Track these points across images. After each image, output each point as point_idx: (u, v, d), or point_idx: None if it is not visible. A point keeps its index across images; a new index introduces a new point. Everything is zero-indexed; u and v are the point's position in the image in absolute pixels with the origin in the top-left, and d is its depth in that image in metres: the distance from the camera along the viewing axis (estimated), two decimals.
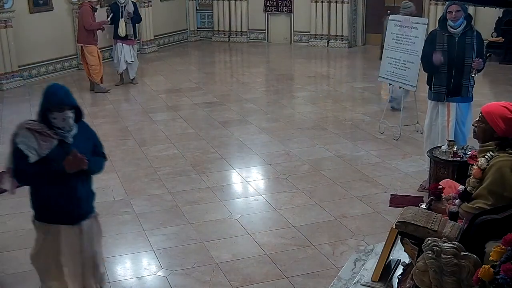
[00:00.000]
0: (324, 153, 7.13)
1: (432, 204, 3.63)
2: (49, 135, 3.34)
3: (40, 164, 3.31)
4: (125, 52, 10.56)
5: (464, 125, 5.78)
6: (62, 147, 3.36)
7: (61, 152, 3.33)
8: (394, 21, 7.60)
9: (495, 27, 12.55)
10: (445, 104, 5.75)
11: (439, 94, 5.74)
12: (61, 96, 3.40)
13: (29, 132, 3.33)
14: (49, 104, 3.36)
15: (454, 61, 5.57)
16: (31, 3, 11.15)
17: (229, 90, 10.67)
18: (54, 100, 3.36)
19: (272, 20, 15.43)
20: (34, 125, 3.37)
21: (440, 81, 5.69)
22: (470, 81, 5.60)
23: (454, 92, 5.66)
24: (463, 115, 5.78)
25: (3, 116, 8.98)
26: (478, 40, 5.55)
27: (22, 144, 3.32)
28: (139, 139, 7.79)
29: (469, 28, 5.56)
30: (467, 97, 5.72)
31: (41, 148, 3.31)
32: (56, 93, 3.41)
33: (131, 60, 10.70)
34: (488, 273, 2.44)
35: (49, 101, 3.37)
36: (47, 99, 3.39)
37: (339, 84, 11.49)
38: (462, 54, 5.52)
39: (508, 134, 3.30)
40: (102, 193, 6.05)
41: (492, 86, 10.73)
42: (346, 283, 3.66)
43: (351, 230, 5.15)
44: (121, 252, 4.90)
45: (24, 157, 3.31)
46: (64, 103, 3.39)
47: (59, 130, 3.38)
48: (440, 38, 5.62)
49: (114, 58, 10.83)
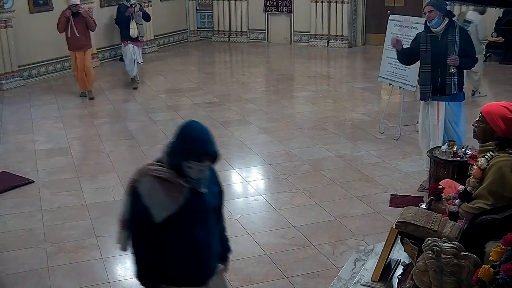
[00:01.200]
0: (324, 153, 7.13)
1: (432, 204, 3.63)
2: (180, 184, 2.66)
3: (167, 222, 2.68)
4: (136, 53, 10.52)
5: (457, 125, 5.74)
6: (195, 197, 2.72)
7: (194, 205, 2.71)
8: (394, 21, 7.60)
9: (495, 27, 12.55)
10: (434, 103, 5.75)
11: (424, 93, 5.77)
12: (207, 144, 2.67)
13: (155, 183, 2.63)
14: (191, 153, 2.63)
15: (437, 60, 5.57)
16: (31, 3, 11.15)
17: (229, 90, 10.67)
18: (199, 149, 2.64)
19: (272, 20, 15.43)
20: (162, 173, 2.65)
21: (425, 80, 5.72)
22: (452, 78, 5.56)
23: (441, 91, 5.66)
24: (455, 115, 5.73)
25: (3, 116, 8.98)
26: (461, 37, 5.52)
27: (148, 199, 2.64)
28: (139, 139, 7.79)
29: (450, 26, 5.54)
30: (456, 96, 5.67)
31: (171, 204, 2.65)
32: (201, 139, 2.66)
33: (141, 61, 10.74)
34: (488, 273, 2.43)
35: (192, 149, 2.63)
36: (189, 145, 2.64)
37: (339, 84, 11.49)
38: (445, 52, 5.52)
39: (508, 134, 3.30)
40: (102, 193, 6.07)
41: (492, 86, 10.73)
42: (346, 283, 3.66)
43: (351, 230, 5.16)
44: (121, 252, 4.87)
45: (147, 215, 2.66)
46: (210, 153, 2.67)
47: (192, 180, 2.70)
48: (423, 38, 5.67)
49: (126, 60, 10.65)
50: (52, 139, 7.84)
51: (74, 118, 8.89)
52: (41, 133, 8.13)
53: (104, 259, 4.76)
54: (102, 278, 4.49)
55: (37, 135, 8.04)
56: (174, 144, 2.69)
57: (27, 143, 7.72)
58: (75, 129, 8.36)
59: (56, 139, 7.83)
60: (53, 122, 8.64)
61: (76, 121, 8.79)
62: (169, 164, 2.68)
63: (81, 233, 5.21)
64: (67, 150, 7.41)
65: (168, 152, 2.72)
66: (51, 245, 5.00)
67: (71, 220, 5.46)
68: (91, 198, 5.94)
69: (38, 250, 4.92)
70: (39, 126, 8.44)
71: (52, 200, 5.92)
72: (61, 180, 6.44)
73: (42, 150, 7.42)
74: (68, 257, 4.80)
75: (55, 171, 6.71)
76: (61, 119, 8.78)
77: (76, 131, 8.25)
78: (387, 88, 8.80)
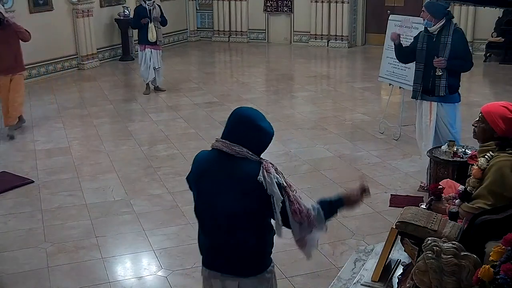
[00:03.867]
0: (324, 153, 7.13)
1: (432, 204, 3.63)
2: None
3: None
4: (153, 58, 9.91)
5: (452, 127, 5.69)
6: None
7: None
8: (394, 21, 7.60)
9: (495, 27, 12.56)
10: (427, 103, 5.75)
11: (415, 91, 5.78)
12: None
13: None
14: (270, 140, 2.85)
15: (430, 60, 5.57)
16: (31, 3, 11.15)
17: (229, 90, 10.67)
18: (270, 137, 2.85)
19: (272, 20, 15.43)
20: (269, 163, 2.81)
21: (417, 79, 5.73)
22: (441, 80, 5.53)
23: (432, 91, 5.64)
24: (449, 116, 5.69)
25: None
26: (454, 39, 5.48)
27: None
28: (139, 139, 7.79)
29: (444, 27, 5.52)
30: (448, 97, 5.62)
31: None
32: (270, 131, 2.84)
33: (159, 66, 10.08)
34: (488, 273, 2.43)
35: (270, 138, 2.85)
36: (268, 123, 2.81)
37: (339, 84, 11.50)
38: (437, 53, 5.52)
39: (508, 134, 3.30)
40: (102, 193, 6.07)
41: (492, 86, 10.73)
42: (346, 283, 3.65)
43: (351, 230, 5.16)
44: (121, 252, 4.90)
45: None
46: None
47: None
48: (421, 37, 5.69)
49: (142, 65, 9.98)
50: (52, 139, 7.84)
51: (74, 118, 8.89)
52: (41, 133, 8.13)
53: (104, 259, 4.76)
54: (102, 278, 4.49)
55: (37, 135, 8.04)
56: (260, 138, 2.80)
57: (27, 143, 7.72)
58: (75, 129, 8.36)
59: (56, 139, 7.83)
60: (53, 122, 8.64)
61: (76, 121, 8.79)
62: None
63: (81, 233, 5.21)
64: (67, 150, 7.41)
65: (256, 147, 2.79)
66: (51, 245, 5.00)
67: (71, 220, 5.46)
68: (91, 198, 5.94)
69: (38, 250, 4.92)
70: (39, 126, 8.44)
71: (52, 200, 5.92)
72: (61, 180, 6.44)
73: (42, 150, 7.42)
74: (68, 257, 4.80)
75: (55, 171, 6.71)
76: (61, 119, 8.78)
77: (76, 131, 8.24)
78: (387, 88, 8.79)
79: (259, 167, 2.71)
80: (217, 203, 2.73)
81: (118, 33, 13.38)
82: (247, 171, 2.70)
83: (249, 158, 2.73)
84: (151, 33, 9.71)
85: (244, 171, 2.71)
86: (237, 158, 2.71)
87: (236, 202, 2.69)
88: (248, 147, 2.74)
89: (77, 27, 12.12)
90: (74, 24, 12.06)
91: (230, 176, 2.71)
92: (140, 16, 9.76)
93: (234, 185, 2.70)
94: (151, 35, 9.72)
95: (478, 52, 12.61)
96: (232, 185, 2.70)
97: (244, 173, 2.71)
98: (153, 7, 9.83)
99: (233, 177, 2.71)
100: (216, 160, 2.77)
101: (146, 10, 9.77)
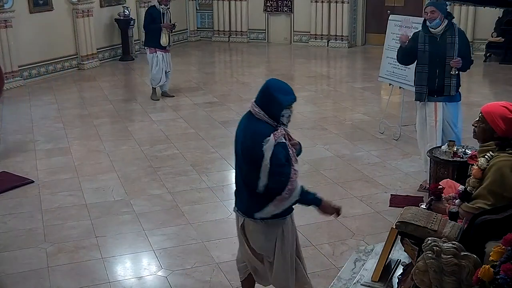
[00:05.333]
0: (324, 153, 7.13)
1: (432, 204, 3.63)
2: (294, 139, 3.44)
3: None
4: (165, 62, 9.65)
5: (455, 126, 5.73)
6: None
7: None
8: (394, 21, 7.60)
9: (495, 27, 12.56)
10: (432, 104, 5.74)
11: (421, 93, 5.75)
12: (292, 90, 3.34)
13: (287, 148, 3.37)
14: (289, 101, 3.30)
15: (436, 61, 5.57)
16: (31, 3, 11.15)
17: (229, 90, 10.67)
18: (292, 97, 3.31)
19: (272, 20, 15.43)
20: (282, 135, 3.31)
21: (421, 81, 5.71)
22: (452, 80, 5.56)
23: (438, 92, 5.65)
24: (453, 116, 5.72)
25: (3, 116, 8.98)
26: (460, 39, 5.52)
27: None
28: (139, 139, 7.79)
29: (449, 27, 5.54)
30: (453, 97, 5.67)
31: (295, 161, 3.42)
32: (289, 89, 3.35)
33: (169, 70, 9.81)
34: (488, 273, 2.43)
35: (289, 99, 3.30)
36: (285, 97, 3.29)
37: (339, 84, 11.50)
38: (443, 53, 5.52)
39: (508, 134, 3.29)
40: (102, 193, 6.07)
41: (492, 86, 10.73)
42: (346, 283, 3.65)
43: (351, 230, 5.16)
44: (121, 252, 4.90)
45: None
46: (295, 98, 3.34)
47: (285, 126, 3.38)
48: (421, 38, 5.65)
49: (153, 68, 9.60)
50: (52, 139, 7.84)
51: (74, 118, 8.89)
52: (41, 133, 8.13)
53: (104, 259, 4.76)
54: (102, 278, 4.49)
55: (37, 135, 8.04)
56: (275, 99, 3.26)
57: (27, 143, 7.72)
58: (75, 129, 8.36)
59: (56, 139, 7.83)
60: (53, 122, 8.64)
61: (76, 121, 8.79)
62: (276, 120, 3.29)
63: (81, 233, 5.21)
64: (67, 150, 7.41)
65: (271, 109, 3.28)
66: (51, 245, 4.99)
67: (71, 220, 5.46)
68: (91, 198, 5.94)
69: (38, 250, 4.91)
70: (39, 126, 8.44)
71: (52, 200, 5.92)
72: (61, 180, 6.44)
73: (42, 150, 7.42)
74: (68, 257, 4.80)
75: (55, 171, 6.71)
76: (61, 119, 8.78)
77: (76, 131, 8.24)
78: (387, 88, 8.79)
79: (270, 131, 3.23)
80: (236, 151, 3.41)
81: (118, 33, 13.38)
82: (256, 129, 3.27)
83: (266, 121, 3.27)
84: (164, 38, 9.42)
85: (253, 128, 3.28)
86: (255, 117, 3.30)
87: (242, 152, 3.32)
88: (265, 111, 3.28)
89: (77, 27, 12.12)
90: (74, 24, 12.05)
91: (244, 130, 3.35)
92: (154, 19, 9.38)
93: (243, 138, 3.32)
94: (164, 40, 9.44)
95: (478, 52, 12.62)
96: (243, 137, 3.32)
97: (252, 130, 3.29)
98: (166, 11, 9.50)
99: (245, 131, 3.33)
100: (245, 117, 3.41)
101: (160, 13, 9.41)
